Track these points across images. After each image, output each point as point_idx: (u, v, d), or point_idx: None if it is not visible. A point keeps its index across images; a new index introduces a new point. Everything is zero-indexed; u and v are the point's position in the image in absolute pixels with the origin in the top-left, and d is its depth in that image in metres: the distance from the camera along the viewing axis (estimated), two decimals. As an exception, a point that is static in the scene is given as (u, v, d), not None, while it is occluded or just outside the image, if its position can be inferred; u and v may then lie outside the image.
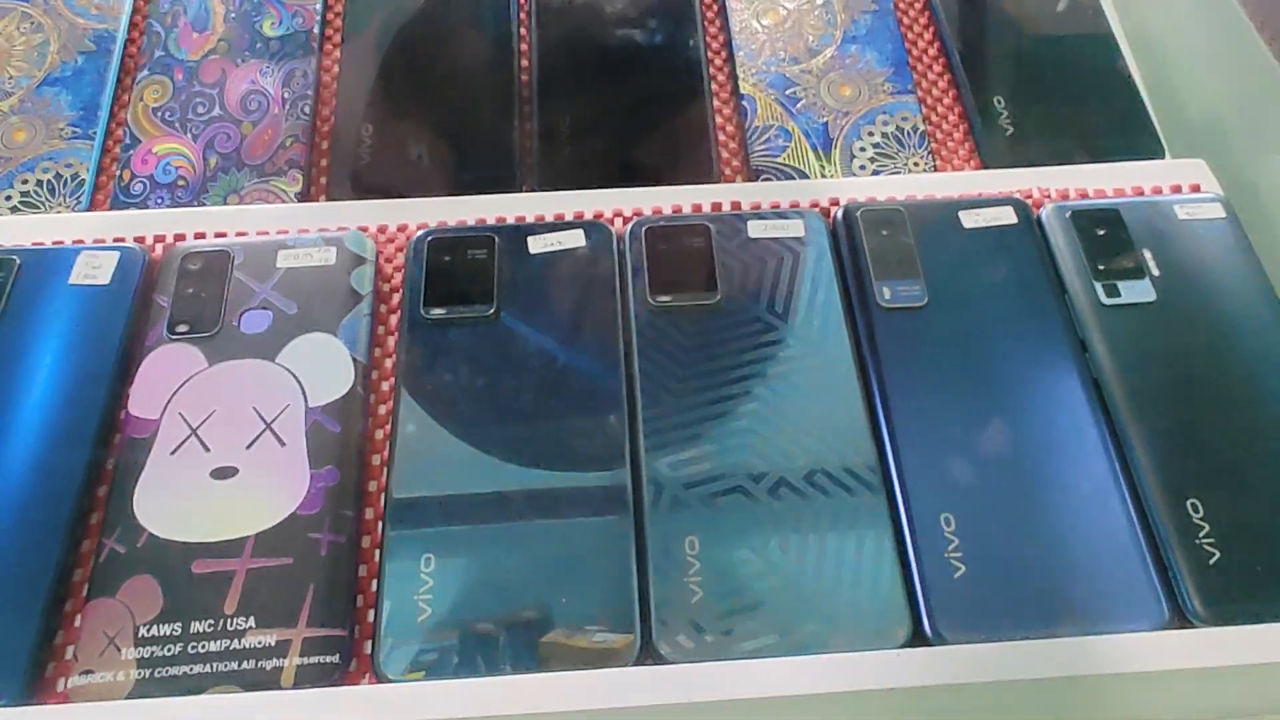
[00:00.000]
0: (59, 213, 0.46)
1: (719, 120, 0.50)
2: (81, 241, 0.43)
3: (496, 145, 0.49)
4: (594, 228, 0.43)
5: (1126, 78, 0.51)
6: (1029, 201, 0.44)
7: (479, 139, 0.49)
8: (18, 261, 0.42)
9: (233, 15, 0.51)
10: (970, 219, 0.43)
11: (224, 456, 0.37)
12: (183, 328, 0.40)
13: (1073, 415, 0.38)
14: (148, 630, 0.33)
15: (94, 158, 0.48)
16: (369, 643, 0.34)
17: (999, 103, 0.50)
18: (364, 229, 0.44)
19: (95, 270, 0.42)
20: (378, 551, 0.36)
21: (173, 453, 0.37)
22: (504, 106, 0.49)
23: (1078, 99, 0.50)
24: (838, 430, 0.38)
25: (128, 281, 0.41)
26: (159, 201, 0.46)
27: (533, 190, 0.47)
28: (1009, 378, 0.39)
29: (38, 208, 0.46)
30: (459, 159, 0.49)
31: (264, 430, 0.38)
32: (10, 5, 0.51)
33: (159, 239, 0.44)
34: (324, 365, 0.39)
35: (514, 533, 0.36)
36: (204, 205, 0.46)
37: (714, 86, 0.51)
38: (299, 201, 0.47)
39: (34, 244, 0.43)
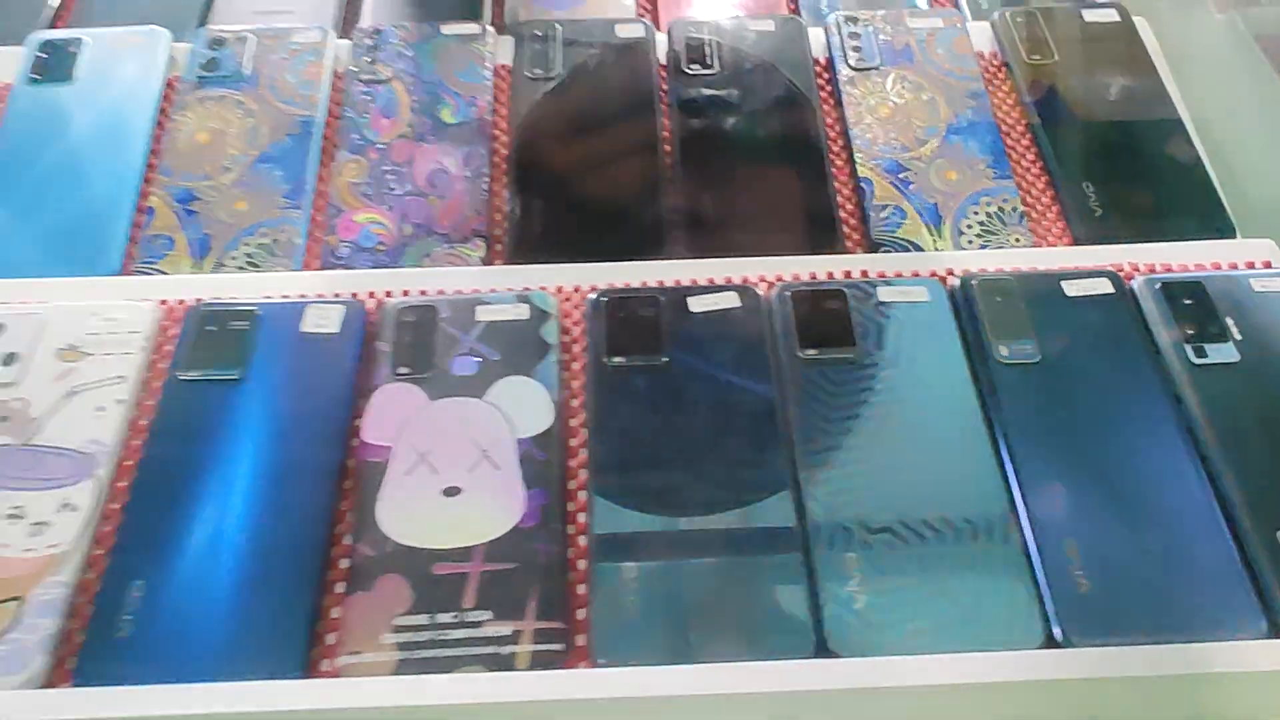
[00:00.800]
0: (278, 272, 0.54)
1: (839, 199, 0.57)
2: (305, 296, 0.51)
3: (647, 218, 0.56)
4: (745, 291, 0.51)
5: (1197, 161, 0.58)
6: (1120, 274, 0.51)
7: (631, 212, 0.57)
8: (258, 312, 0.49)
9: (416, 105, 0.60)
10: (1072, 288, 0.50)
11: (451, 478, 0.44)
12: (404, 370, 0.47)
13: (1171, 456, 0.45)
14: (402, 620, 0.40)
15: (304, 225, 0.56)
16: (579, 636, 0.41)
17: (1086, 187, 0.57)
18: (543, 288, 0.52)
19: (324, 320, 0.49)
20: (581, 561, 0.43)
21: (406, 473, 0.44)
22: (652, 185, 0.57)
23: (1155, 182, 0.58)
24: (970, 468, 0.45)
25: (352, 330, 0.49)
26: (364, 263, 0.54)
27: (680, 257, 0.55)
28: (1115, 425, 0.46)
29: (259, 267, 0.54)
30: (614, 229, 0.56)
31: (481, 457, 0.44)
32: (226, 93, 0.60)
33: (371, 294, 0.51)
34: (526, 403, 0.46)
35: (697, 547, 0.42)
36: (401, 267, 0.54)
37: (834, 169, 0.58)
38: (482, 265, 0.54)
39: (264, 297, 0.51)
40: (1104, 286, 0.50)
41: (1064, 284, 0.50)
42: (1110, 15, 0.65)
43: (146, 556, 0.42)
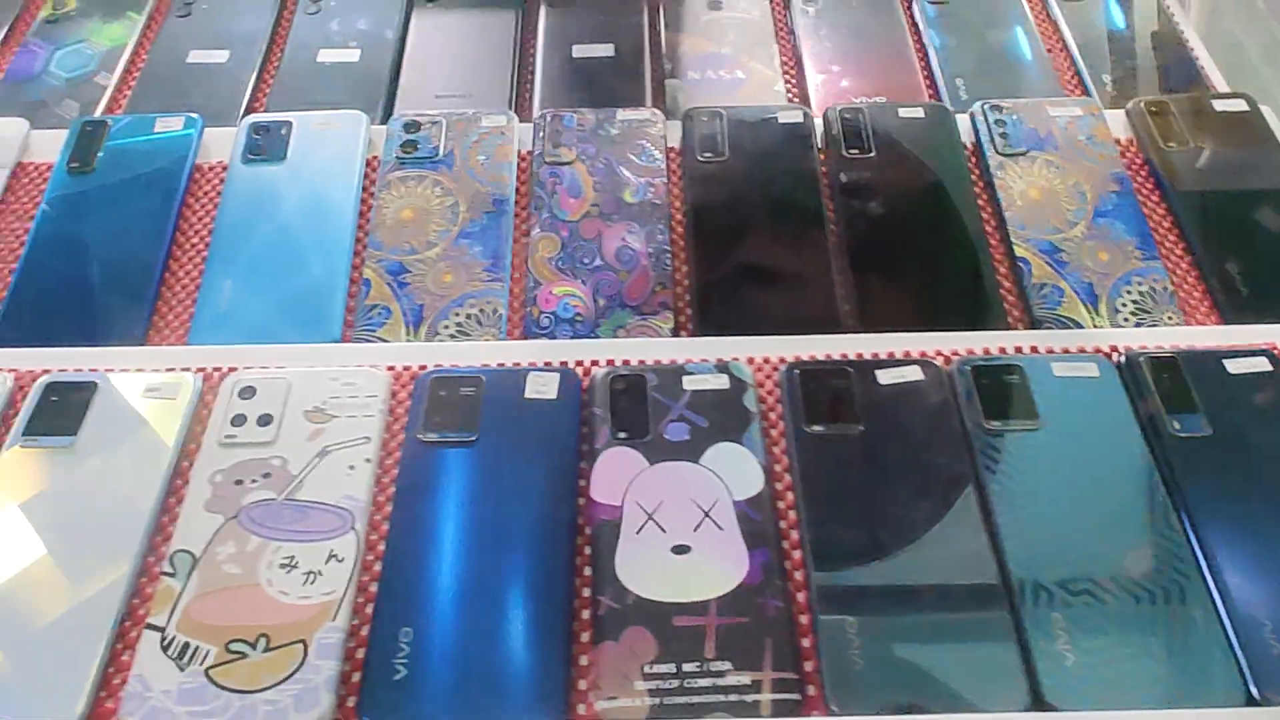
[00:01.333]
0: (486, 340, 0.59)
1: (996, 277, 0.62)
2: (519, 364, 0.56)
3: (819, 293, 0.61)
4: (927, 364, 0.55)
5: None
6: (1276, 351, 0.55)
7: (805, 287, 0.61)
8: (484, 378, 0.54)
9: (599, 185, 0.65)
10: (1234, 366, 0.54)
11: (678, 536, 0.48)
12: (622, 434, 0.52)
13: (1344, 524, 0.48)
14: (649, 668, 0.44)
15: (505, 297, 0.61)
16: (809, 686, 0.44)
17: (1231, 267, 0.61)
18: (735, 359, 0.56)
19: (544, 387, 0.54)
20: (803, 616, 0.46)
21: (637, 532, 0.48)
22: (822, 262, 0.62)
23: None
24: (1156, 534, 0.48)
25: (570, 396, 0.53)
26: (564, 334, 0.59)
27: (852, 332, 0.59)
28: (1288, 494, 0.49)
29: (469, 336, 0.59)
30: (790, 303, 0.61)
31: (704, 518, 0.49)
32: (425, 173, 0.65)
33: (578, 363, 0.56)
34: (738, 468, 0.50)
35: (912, 603, 0.46)
36: (597, 337, 0.59)
37: (991, 248, 0.63)
38: (671, 336, 0.59)
39: (482, 365, 0.56)
40: (1263, 364, 0.54)
41: (1226, 362, 0.54)
42: (1239, 105, 0.69)
43: (411, 606, 0.46)
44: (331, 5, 0.80)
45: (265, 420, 0.52)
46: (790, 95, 0.74)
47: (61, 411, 0.53)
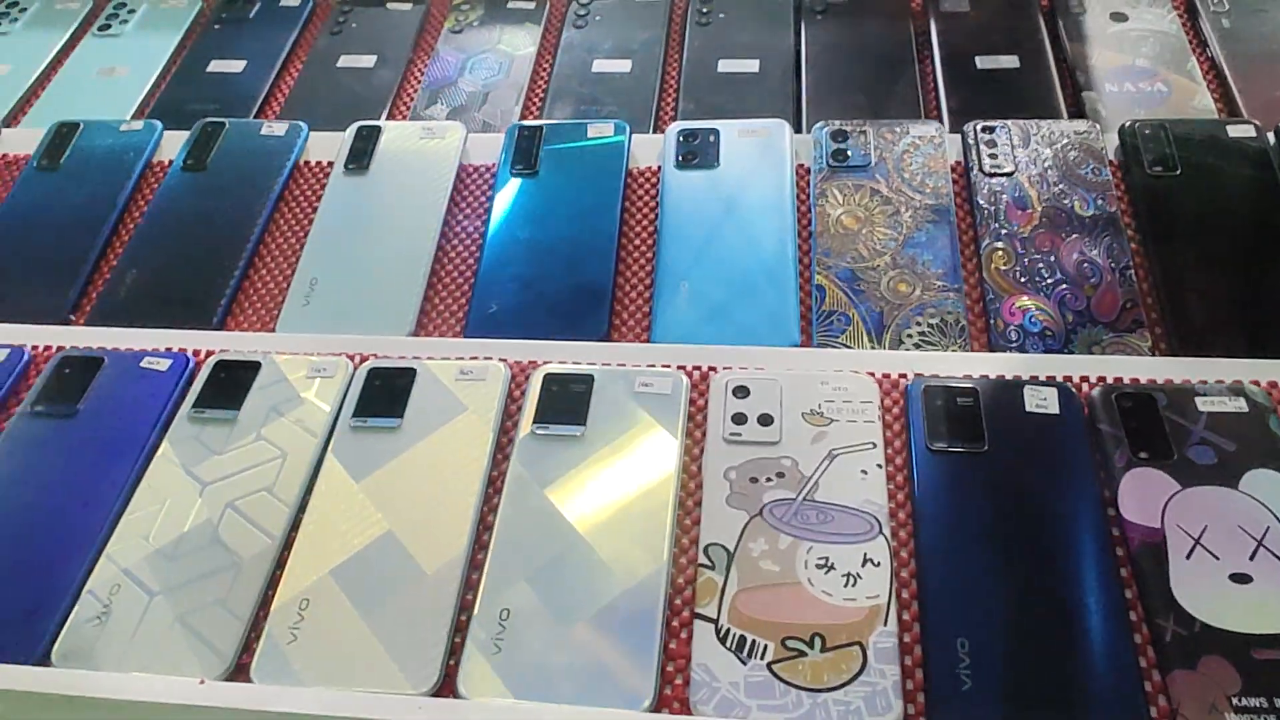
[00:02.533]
0: (951, 350, 0.58)
1: None
2: (975, 376, 0.55)
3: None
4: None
5: None
6: None
7: (1285, 309, 0.58)
8: (979, 390, 0.53)
9: (1046, 197, 0.63)
10: None
11: (1234, 564, 0.45)
12: (1143, 454, 0.50)
13: None
14: (1237, 700, 0.42)
15: (963, 307, 0.59)
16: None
17: None
18: (1238, 381, 0.53)
19: (1043, 401, 0.52)
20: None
21: (1186, 557, 0.46)
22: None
23: None
24: None
25: (1073, 412, 0.52)
26: (1034, 347, 0.57)
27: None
28: None
29: (934, 345, 0.58)
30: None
31: (1257, 546, 0.46)
32: (861, 181, 0.65)
33: (1066, 378, 0.54)
34: (1281, 496, 0.48)
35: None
36: (1070, 353, 0.57)
37: None
38: (1150, 355, 0.56)
39: (964, 376, 0.55)
40: None
41: None
42: None
43: (963, 615, 0.45)
44: (721, 18, 0.82)
45: (766, 420, 0.53)
46: (1219, 109, 0.71)
47: (567, 400, 0.54)
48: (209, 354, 0.59)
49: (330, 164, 0.72)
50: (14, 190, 0.71)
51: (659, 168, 0.69)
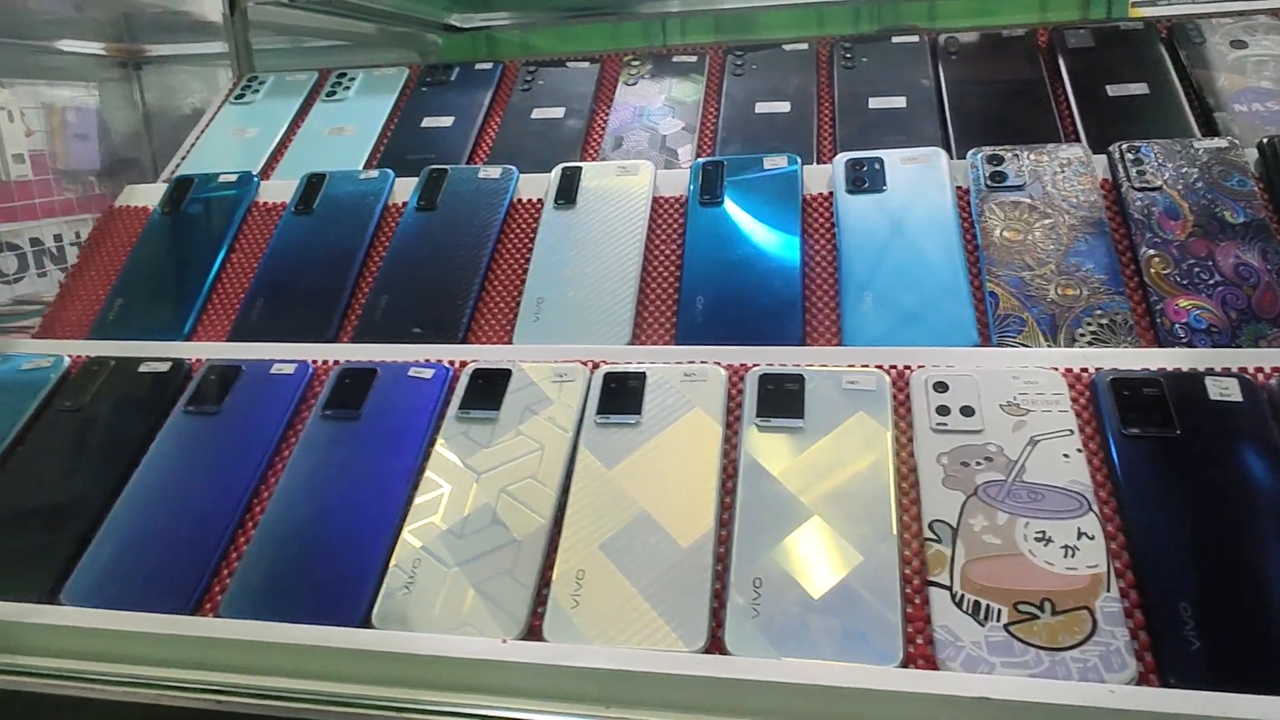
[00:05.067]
0: (1122, 348, 0.57)
1: None
2: (1153, 369, 0.53)
3: None
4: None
5: None
6: None
7: None
8: (1163, 381, 0.52)
9: (1195, 208, 0.62)
10: None
11: None
12: (1331, 436, 0.48)
13: None
14: None
15: (1126, 307, 0.58)
16: None
17: None
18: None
19: (1226, 391, 0.51)
20: None
21: (1391, 529, 0.44)
22: None
23: None
24: None
25: (1255, 401, 0.50)
26: (1201, 342, 0.56)
27: None
28: None
29: (1106, 343, 0.57)
30: None
31: None
32: (1019, 199, 0.64)
33: (1241, 369, 0.53)
34: None
35: None
36: (1237, 347, 0.55)
37: None
38: (1312, 347, 0.55)
39: (1143, 369, 0.54)
40: None
41: None
42: None
43: (1181, 582, 0.44)
44: (864, 62, 0.82)
45: (967, 411, 0.52)
46: (1345, 124, 0.69)
47: (783, 397, 0.55)
48: (463, 364, 0.61)
49: (539, 201, 0.74)
50: (278, 232, 0.74)
51: (829, 193, 0.69)
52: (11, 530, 0.56)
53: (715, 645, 0.46)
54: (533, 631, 0.47)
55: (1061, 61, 0.78)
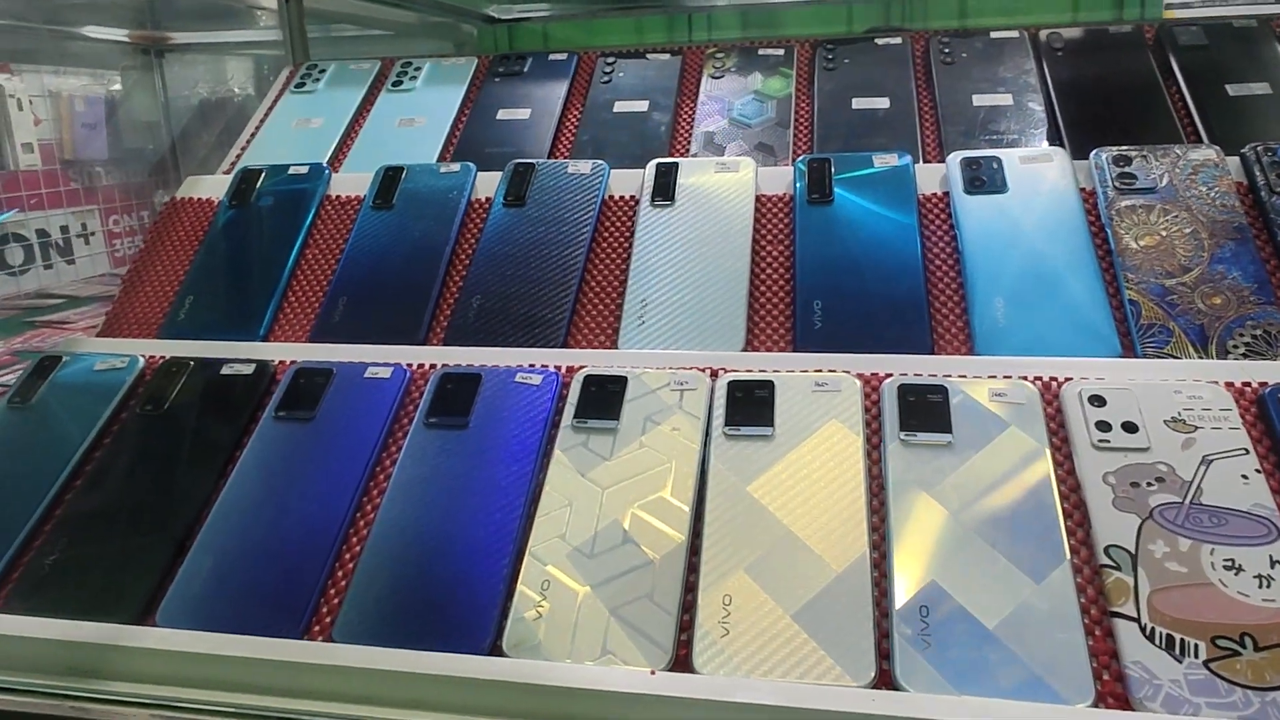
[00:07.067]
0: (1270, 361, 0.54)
1: None
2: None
3: None
4: None
5: None
6: None
7: None
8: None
9: (1343, 213, 0.59)
10: None
11: None
12: None
13: None
14: None
15: (1279, 318, 0.56)
16: None
17: None
18: None
19: None
20: None
21: None
22: None
23: None
24: None
25: None
26: (1366, 355, 0.53)
27: None
28: None
29: (1261, 354, 0.54)
30: None
31: None
32: (1152, 203, 0.62)
33: None
34: None
35: None
36: (1404, 360, 0.52)
37: None
38: None
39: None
40: None
41: None
42: None
43: (1391, 616, 0.41)
44: (964, 57, 0.79)
45: (1130, 427, 0.49)
46: None
47: (926, 410, 0.51)
48: (570, 370, 0.58)
49: (631, 198, 0.70)
50: (356, 227, 0.71)
51: (944, 193, 0.66)
52: (97, 542, 0.53)
53: (884, 679, 0.43)
54: (680, 662, 0.44)
55: (1173, 58, 0.75)
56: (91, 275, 1.61)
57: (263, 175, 0.76)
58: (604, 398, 0.55)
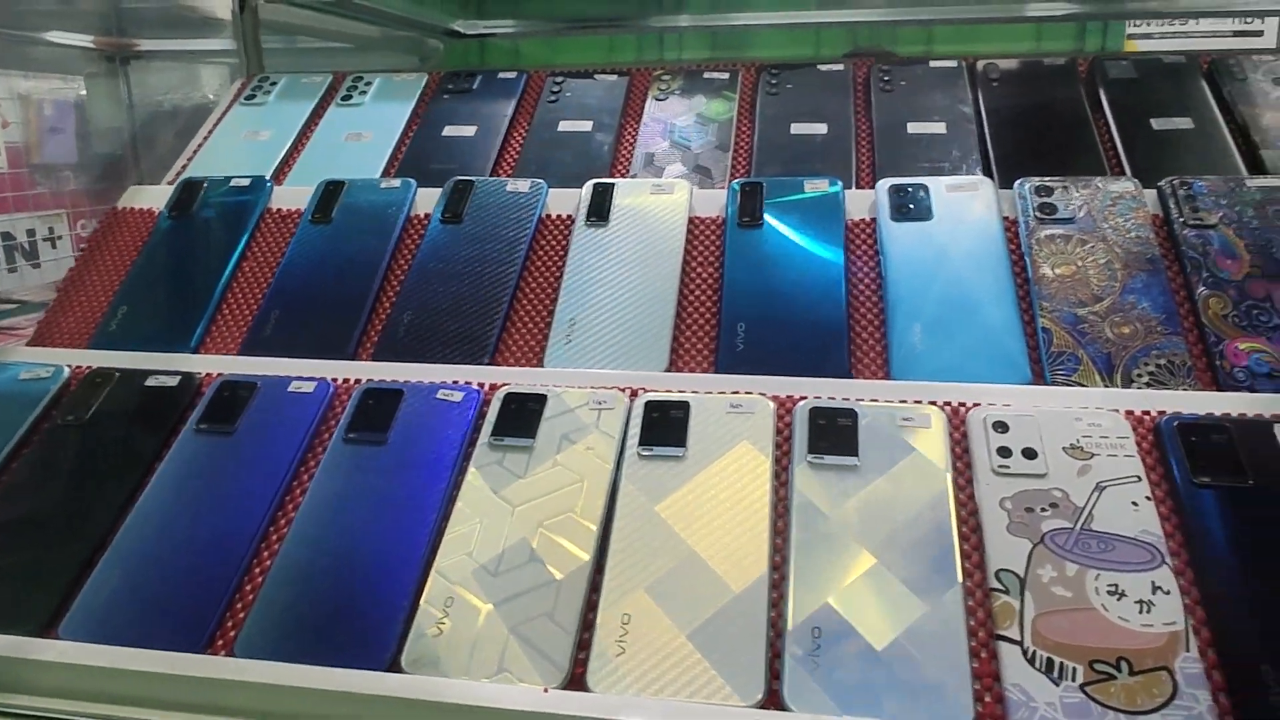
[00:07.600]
0: (1182, 390, 0.55)
1: None
2: (1217, 414, 0.52)
3: None
4: None
5: None
6: None
7: None
8: (1232, 428, 0.50)
9: (1251, 246, 0.60)
10: None
11: None
12: None
13: None
14: None
15: (1184, 348, 0.57)
16: None
17: None
18: None
19: (1296, 439, 0.50)
20: None
21: None
22: None
23: None
24: None
25: (1328, 450, 0.49)
26: (1263, 387, 0.55)
27: None
28: None
29: (1164, 385, 0.55)
30: None
31: None
32: (1069, 232, 0.63)
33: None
34: None
35: None
36: (1300, 392, 0.54)
37: None
38: (1379, 395, 0.54)
39: (1206, 414, 0.52)
40: None
41: None
42: None
43: (1261, 642, 0.42)
44: (902, 85, 0.80)
45: (1030, 453, 0.51)
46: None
47: (836, 433, 0.52)
48: (493, 387, 0.59)
49: (568, 216, 0.71)
50: (294, 241, 0.71)
51: (871, 219, 0.68)
52: (5, 553, 0.53)
53: (772, 700, 0.43)
54: (575, 680, 0.45)
55: (1102, 92, 0.77)
56: (57, 280, 1.61)
57: (204, 187, 0.77)
58: (522, 415, 0.56)
